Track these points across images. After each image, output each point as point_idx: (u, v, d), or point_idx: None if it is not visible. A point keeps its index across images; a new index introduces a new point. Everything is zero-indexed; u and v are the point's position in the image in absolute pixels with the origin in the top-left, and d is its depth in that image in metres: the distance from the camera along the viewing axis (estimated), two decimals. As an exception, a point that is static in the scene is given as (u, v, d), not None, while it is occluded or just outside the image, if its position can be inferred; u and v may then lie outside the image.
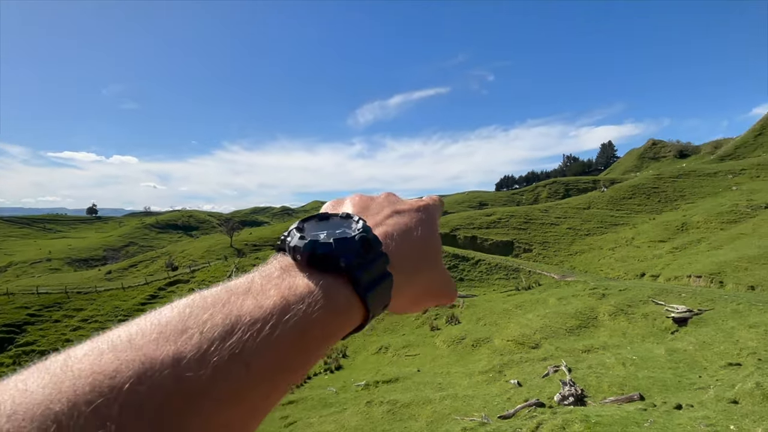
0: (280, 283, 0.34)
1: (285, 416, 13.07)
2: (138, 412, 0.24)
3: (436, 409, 10.59)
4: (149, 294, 37.30)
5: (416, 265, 0.45)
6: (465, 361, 16.15)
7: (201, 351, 0.28)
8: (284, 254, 0.39)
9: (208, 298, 0.32)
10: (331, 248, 0.37)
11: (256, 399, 0.30)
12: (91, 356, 0.25)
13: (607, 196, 60.13)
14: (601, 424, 6.62)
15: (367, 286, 0.37)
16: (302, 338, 0.32)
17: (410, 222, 0.47)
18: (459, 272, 35.17)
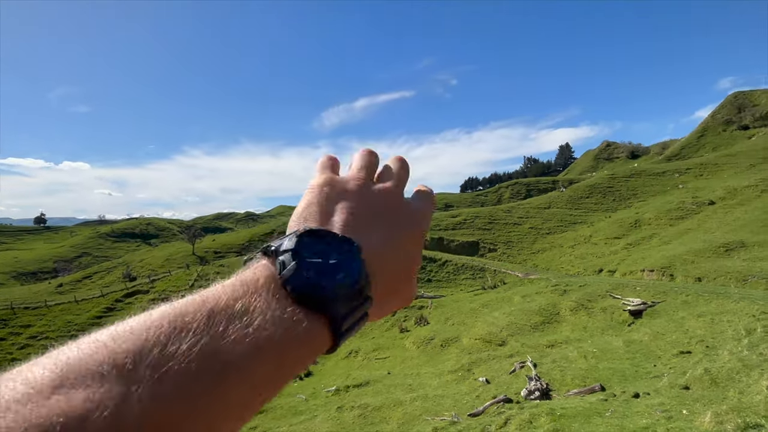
0: (264, 309, 0.33)
1: (254, 427, 12.74)
2: None
3: (407, 411, 10.62)
4: (105, 306, 35.50)
5: (393, 294, 0.45)
6: (434, 362, 16.30)
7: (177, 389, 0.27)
8: (270, 262, 0.38)
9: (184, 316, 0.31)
10: (323, 294, 0.36)
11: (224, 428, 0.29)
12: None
13: (566, 196, 62.54)
14: (565, 416, 6.85)
15: (345, 332, 0.37)
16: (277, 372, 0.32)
17: (404, 248, 0.45)
18: (427, 273, 35.52)
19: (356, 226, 0.43)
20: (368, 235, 0.42)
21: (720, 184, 48.23)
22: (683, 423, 5.83)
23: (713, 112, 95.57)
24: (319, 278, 0.36)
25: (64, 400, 0.23)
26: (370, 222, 0.44)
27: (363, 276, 0.38)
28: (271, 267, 0.37)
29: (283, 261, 0.37)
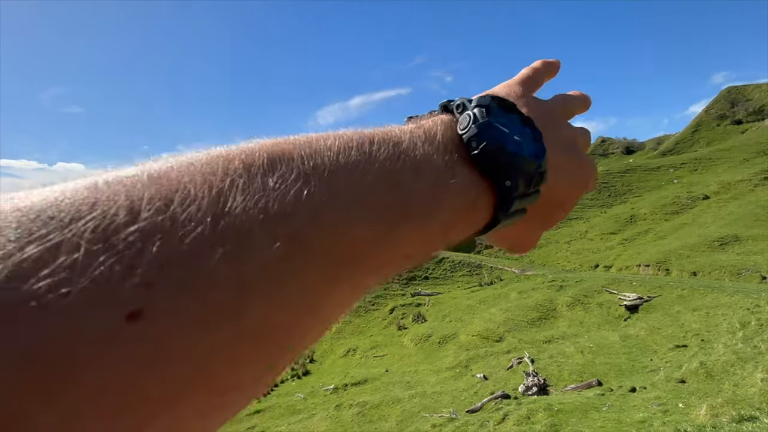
0: (444, 164, 0.30)
1: (252, 426, 12.74)
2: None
3: (405, 408, 10.64)
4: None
5: (537, 217, 0.39)
6: (432, 359, 16.34)
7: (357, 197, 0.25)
8: (450, 119, 0.34)
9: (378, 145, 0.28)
10: (508, 162, 0.31)
11: (374, 280, 0.27)
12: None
13: (561, 192, 62.69)
14: (563, 411, 6.89)
15: (507, 215, 0.33)
16: (442, 233, 0.30)
17: (572, 179, 0.40)
18: (424, 271, 35.54)
19: (543, 127, 0.36)
20: (546, 145, 0.36)
21: (714, 178, 48.47)
22: (679, 416, 5.87)
23: (707, 107, 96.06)
24: (506, 143, 0.31)
25: (277, 186, 0.22)
26: (551, 140, 0.37)
27: (545, 163, 0.34)
28: (451, 123, 0.33)
29: (473, 115, 0.32)
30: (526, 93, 0.41)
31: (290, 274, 0.20)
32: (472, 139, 0.31)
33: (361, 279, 0.25)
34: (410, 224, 0.27)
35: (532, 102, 0.40)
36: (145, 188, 0.18)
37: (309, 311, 0.22)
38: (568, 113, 0.45)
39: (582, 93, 0.48)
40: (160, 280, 0.16)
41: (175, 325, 0.17)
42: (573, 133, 0.42)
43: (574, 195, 0.42)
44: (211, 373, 0.18)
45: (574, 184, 0.41)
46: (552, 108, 0.42)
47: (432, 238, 0.29)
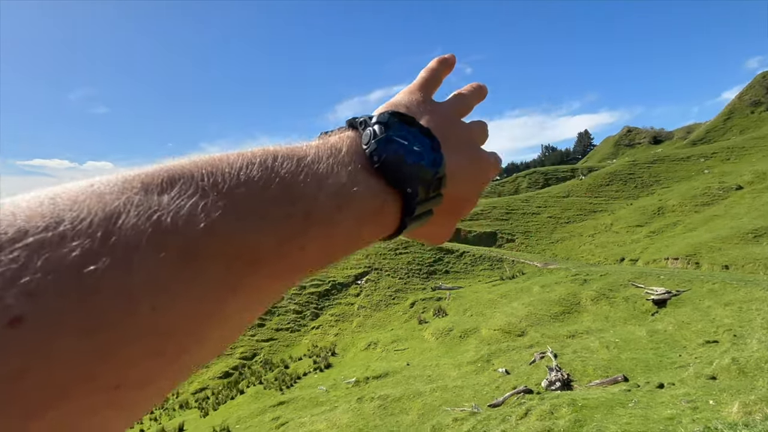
0: (349, 174, 0.33)
1: (276, 417, 13.00)
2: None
3: (426, 402, 10.67)
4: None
5: (446, 213, 0.44)
6: (453, 353, 16.31)
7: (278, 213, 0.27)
8: (355, 134, 0.37)
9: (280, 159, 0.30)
10: (409, 173, 0.35)
11: (283, 284, 0.29)
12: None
13: (585, 184, 61.37)
14: (587, 407, 6.78)
15: (413, 218, 0.37)
16: (349, 238, 0.32)
17: (472, 175, 0.45)
18: (444, 265, 35.42)
19: (437, 135, 0.40)
20: (445, 150, 0.40)
21: (748, 168, 46.54)
22: (710, 413, 5.70)
23: (740, 94, 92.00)
24: (405, 154, 0.35)
25: (172, 201, 0.24)
26: (450, 144, 0.41)
27: (443, 168, 0.37)
28: (356, 138, 0.36)
29: (374, 131, 0.36)
30: (426, 98, 0.45)
31: (180, 282, 0.22)
32: (374, 153, 0.35)
33: (266, 285, 0.27)
34: (314, 232, 0.29)
35: (431, 108, 0.44)
36: (40, 208, 0.21)
37: (205, 316, 0.23)
38: (465, 110, 0.49)
39: (476, 85, 0.52)
40: (41, 289, 0.18)
41: (57, 328, 0.18)
42: (469, 132, 0.46)
43: (477, 189, 0.46)
44: (96, 372, 0.19)
45: (474, 180, 0.45)
46: (449, 111, 0.46)
47: (339, 243, 0.32)
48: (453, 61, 0.51)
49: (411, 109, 0.42)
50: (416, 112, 0.42)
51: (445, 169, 0.38)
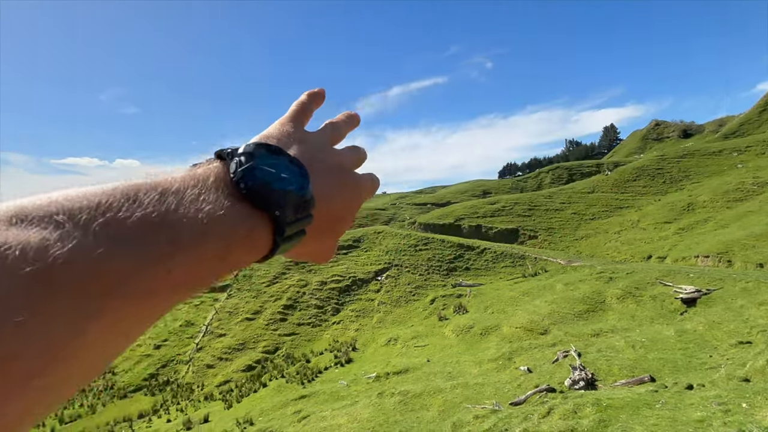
0: (215, 200, 0.35)
1: (298, 410, 13.20)
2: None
3: (447, 398, 10.65)
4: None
5: (324, 233, 0.48)
6: (474, 350, 16.20)
7: (135, 238, 0.29)
8: (222, 164, 0.40)
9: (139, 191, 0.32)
10: (275, 196, 0.38)
11: (155, 307, 0.30)
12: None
13: (611, 180, 59.83)
14: (612, 407, 6.64)
15: (285, 238, 0.40)
16: (219, 261, 0.34)
17: (344, 197, 0.49)
18: (465, 261, 35.16)
19: (306, 163, 0.44)
20: (314, 176, 0.44)
21: (785, 162, 44.51)
22: (742, 417, 5.51)
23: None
24: (272, 181, 0.39)
25: (22, 233, 0.25)
26: (320, 171, 0.46)
27: (310, 192, 0.41)
28: (223, 168, 0.39)
29: (240, 161, 0.39)
30: (296, 128, 0.50)
31: (32, 309, 0.23)
32: (240, 181, 0.37)
33: (132, 310, 0.29)
34: (181, 256, 0.31)
35: (302, 138, 0.49)
36: None
37: (58, 342, 0.25)
38: (337, 137, 0.55)
39: (348, 113, 0.59)
40: None
41: None
42: (340, 157, 0.51)
43: (351, 209, 0.51)
44: None
45: (347, 201, 0.49)
46: (319, 139, 0.51)
47: (210, 265, 0.34)
48: (322, 95, 0.58)
49: (281, 140, 0.47)
50: (286, 143, 0.46)
51: (314, 192, 0.42)
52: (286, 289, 34.43)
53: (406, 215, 68.58)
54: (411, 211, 71.30)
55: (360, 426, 10.22)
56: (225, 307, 33.63)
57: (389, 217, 68.98)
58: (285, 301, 32.46)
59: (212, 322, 31.70)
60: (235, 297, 34.90)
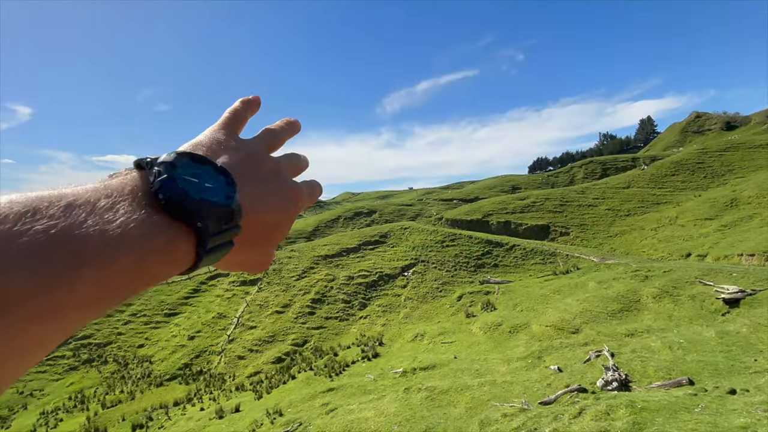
0: (129, 211, 0.34)
1: (326, 403, 13.40)
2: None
3: (474, 396, 10.57)
4: (192, 288, 38.92)
5: (257, 243, 0.47)
6: (502, 348, 15.99)
7: (37, 256, 0.27)
8: (141, 174, 0.38)
9: (48, 205, 0.31)
10: (196, 207, 0.37)
11: (63, 327, 0.29)
12: None
13: (648, 174, 57.52)
14: (647, 409, 6.42)
15: (208, 250, 0.38)
16: (133, 275, 0.33)
17: (278, 205, 0.48)
18: (493, 258, 34.67)
19: (235, 171, 0.43)
20: (245, 184, 0.43)
21: (841, 155, 41.56)
22: (790, 424, 5.21)
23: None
24: (192, 191, 0.37)
25: None
26: (252, 178, 0.45)
27: (236, 202, 0.40)
28: (141, 178, 0.37)
29: (159, 171, 0.37)
30: (228, 136, 0.48)
31: None
32: (158, 192, 0.36)
33: (30, 327, 0.27)
34: (87, 271, 0.29)
35: (235, 146, 0.47)
36: None
37: None
38: (275, 143, 0.54)
39: (287, 120, 0.58)
40: None
41: None
42: (276, 165, 0.50)
43: (286, 217, 0.49)
44: None
45: (281, 209, 0.48)
46: (254, 147, 0.50)
47: (122, 279, 0.32)
48: (258, 102, 0.57)
49: (210, 149, 0.45)
50: (215, 151, 0.45)
51: (244, 201, 0.41)
52: (315, 284, 34.92)
53: (432, 211, 68.17)
54: (438, 207, 70.82)
55: (387, 420, 10.29)
56: (256, 300, 34.46)
57: (416, 213, 68.75)
58: (313, 295, 32.95)
59: (243, 314, 32.55)
60: (265, 290, 35.69)
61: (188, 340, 30.38)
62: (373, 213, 67.97)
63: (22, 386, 27.18)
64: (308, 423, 11.89)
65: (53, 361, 29.82)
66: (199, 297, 37.37)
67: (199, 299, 36.98)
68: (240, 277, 38.65)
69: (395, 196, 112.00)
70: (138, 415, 20.59)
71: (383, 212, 68.17)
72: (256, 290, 35.95)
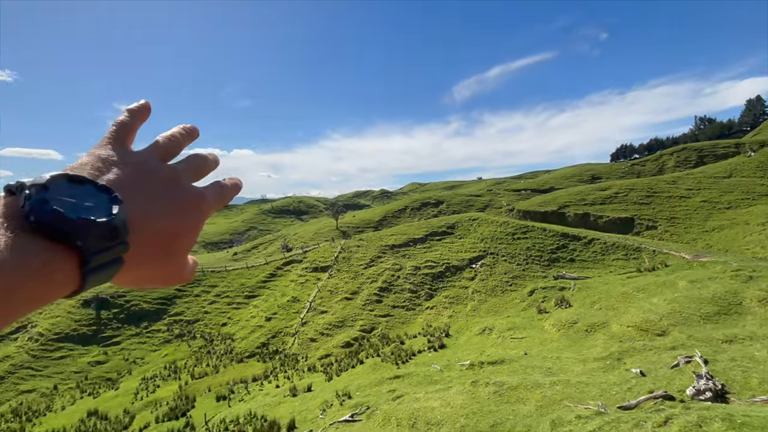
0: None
1: (392, 389, 13.67)
2: None
3: (546, 394, 10.16)
4: (269, 273, 41.42)
5: (159, 255, 0.44)
6: (578, 347, 15.16)
7: None
8: (12, 199, 0.37)
9: None
10: (73, 227, 0.36)
11: None
12: None
13: (755, 162, 50.73)
14: (749, 425, 5.75)
15: (93, 269, 0.37)
16: (4, 299, 0.33)
17: (176, 214, 0.45)
18: (569, 252, 32.83)
19: (123, 186, 0.42)
20: (135, 198, 0.42)
21: None
22: None
23: None
24: (68, 211, 0.36)
25: None
26: (143, 191, 0.44)
27: (120, 218, 0.38)
28: (12, 202, 0.37)
29: (29, 194, 0.36)
30: (115, 151, 0.46)
31: None
32: (29, 215, 0.35)
33: None
34: None
35: (122, 161, 0.45)
36: None
37: None
38: (169, 152, 0.51)
39: (184, 126, 0.56)
40: None
41: None
42: (171, 173, 0.48)
43: (188, 225, 0.47)
44: None
45: (182, 217, 0.46)
46: (143, 159, 0.47)
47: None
48: (147, 108, 0.53)
49: (94, 167, 0.44)
50: (100, 168, 0.43)
51: (132, 215, 0.40)
52: (382, 272, 35.53)
53: (503, 202, 65.94)
54: (509, 198, 68.34)
55: (453, 411, 10.25)
56: (327, 286, 35.88)
57: (485, 204, 66.93)
58: (380, 284, 33.56)
59: (315, 299, 34.08)
60: (335, 277, 37.01)
61: (265, 321, 32.48)
62: (440, 203, 67.30)
63: (127, 354, 30.90)
64: (375, 407, 12.21)
65: (151, 334, 33.49)
66: (275, 281, 39.70)
67: (275, 283, 39.28)
68: (312, 263, 40.39)
69: (463, 187, 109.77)
70: (221, 387, 22.49)
71: (451, 203, 67.21)
72: (327, 277, 37.40)
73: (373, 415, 11.68)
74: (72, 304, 35.23)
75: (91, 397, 24.81)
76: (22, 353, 29.71)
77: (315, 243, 51.47)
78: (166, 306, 36.68)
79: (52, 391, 26.60)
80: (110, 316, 34.67)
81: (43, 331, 32.07)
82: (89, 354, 30.69)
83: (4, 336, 32.25)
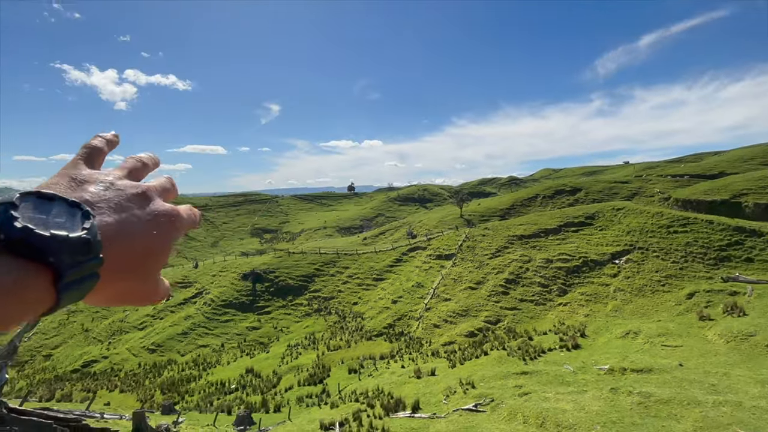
0: None
1: (519, 385, 13.14)
2: None
3: (707, 415, 8.69)
4: (395, 258, 43.09)
5: (132, 271, 0.44)
6: (755, 365, 12.58)
7: None
8: None
9: None
10: (44, 243, 0.36)
11: None
12: None
13: None
14: None
15: (67, 285, 0.37)
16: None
17: (149, 230, 0.45)
18: (744, 251, 27.24)
19: (94, 202, 0.42)
20: (107, 214, 0.42)
21: None
22: None
23: None
24: (39, 228, 0.36)
25: None
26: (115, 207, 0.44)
27: (92, 232, 0.38)
28: None
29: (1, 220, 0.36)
30: (84, 170, 0.47)
31: None
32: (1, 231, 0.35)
33: None
34: None
35: (92, 179, 0.46)
36: None
37: None
38: (138, 172, 0.53)
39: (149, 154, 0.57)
40: None
41: None
42: (142, 190, 0.49)
43: (160, 241, 0.47)
44: None
45: (155, 235, 0.46)
46: (114, 176, 0.49)
47: None
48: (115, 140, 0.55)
49: (64, 185, 0.44)
50: (69, 186, 0.44)
51: (105, 231, 0.40)
52: (509, 263, 34.11)
53: (655, 189, 57.48)
54: (663, 185, 59.26)
55: (588, 417, 9.44)
56: (450, 274, 35.90)
57: (632, 192, 59.12)
58: (507, 275, 32.28)
59: (439, 286, 34.40)
60: (459, 266, 36.78)
61: (392, 303, 33.98)
62: (577, 191, 61.50)
63: (276, 323, 35.44)
64: (500, 401, 11.90)
65: (295, 306, 37.78)
66: (401, 266, 41.16)
67: (401, 268, 40.72)
68: (436, 250, 40.74)
69: (605, 172, 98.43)
70: (353, 361, 24.32)
71: (590, 190, 60.97)
72: (450, 265, 37.38)
73: (498, 408, 11.40)
74: (235, 276, 41.69)
75: (248, 357, 29.16)
76: (199, 315, 36.25)
77: (439, 231, 51.75)
78: (307, 283, 40.88)
79: (220, 348, 31.98)
80: (263, 289, 40.05)
81: (213, 297, 38.62)
82: (247, 320, 36.00)
83: (187, 299, 39.76)
